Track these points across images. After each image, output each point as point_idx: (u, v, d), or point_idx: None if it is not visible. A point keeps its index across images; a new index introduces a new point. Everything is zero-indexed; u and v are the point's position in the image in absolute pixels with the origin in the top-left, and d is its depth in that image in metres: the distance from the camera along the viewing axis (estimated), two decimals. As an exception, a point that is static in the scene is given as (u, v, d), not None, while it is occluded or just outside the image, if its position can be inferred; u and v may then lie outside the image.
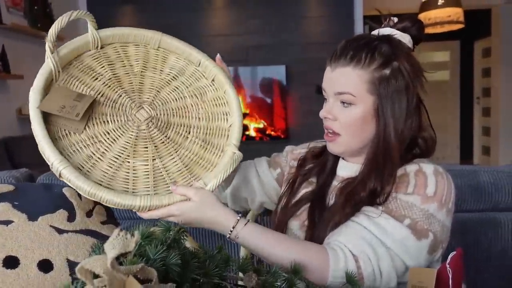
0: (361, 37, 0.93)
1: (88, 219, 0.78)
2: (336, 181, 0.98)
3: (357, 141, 0.92)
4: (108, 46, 0.94)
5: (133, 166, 0.86)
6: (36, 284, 0.64)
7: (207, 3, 4.47)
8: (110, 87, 0.91)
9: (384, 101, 0.88)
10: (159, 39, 0.97)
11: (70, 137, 0.84)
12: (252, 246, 0.84)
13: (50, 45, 0.83)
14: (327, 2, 4.46)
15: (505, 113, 5.84)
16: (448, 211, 0.86)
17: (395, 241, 0.82)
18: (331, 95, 0.91)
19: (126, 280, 0.49)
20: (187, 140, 0.93)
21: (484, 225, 1.47)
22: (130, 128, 0.89)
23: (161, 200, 0.83)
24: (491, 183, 1.48)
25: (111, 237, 0.50)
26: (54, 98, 0.82)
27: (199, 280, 0.67)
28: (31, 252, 0.67)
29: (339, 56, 0.90)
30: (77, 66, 0.89)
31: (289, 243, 0.83)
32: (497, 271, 1.47)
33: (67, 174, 0.76)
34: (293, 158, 1.10)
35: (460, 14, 3.92)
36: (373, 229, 0.83)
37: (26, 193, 0.77)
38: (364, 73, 0.88)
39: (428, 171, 0.88)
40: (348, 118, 0.89)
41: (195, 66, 1.00)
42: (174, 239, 0.68)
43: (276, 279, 0.70)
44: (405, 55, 0.89)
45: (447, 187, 0.87)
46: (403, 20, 0.95)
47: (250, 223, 0.84)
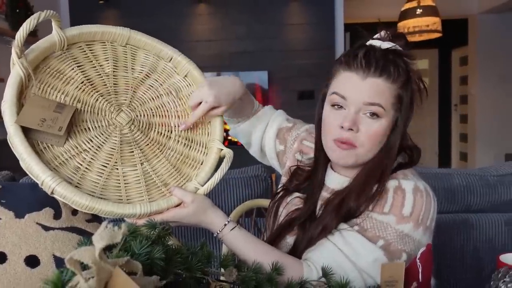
0: (374, 48, 0.90)
1: (74, 217, 0.80)
2: (325, 192, 0.99)
3: (371, 154, 0.91)
4: (73, 46, 0.88)
5: (123, 173, 0.85)
6: (23, 278, 0.66)
7: (190, 9, 4.50)
8: (85, 91, 0.87)
9: (403, 117, 0.90)
10: (127, 35, 0.93)
11: (52, 149, 0.80)
12: (235, 250, 0.88)
13: (17, 50, 0.76)
14: (309, 10, 4.53)
15: (481, 120, 5.99)
16: (425, 229, 0.87)
17: (368, 263, 0.84)
18: (357, 104, 0.88)
19: (113, 271, 0.52)
20: (171, 140, 0.93)
21: (457, 226, 1.53)
22: (112, 133, 0.87)
23: (160, 205, 0.83)
24: (464, 185, 1.54)
25: (99, 229, 0.53)
26: (32, 110, 0.77)
27: (182, 275, 0.70)
28: (18, 248, 0.69)
29: (368, 66, 0.87)
30: (45, 71, 0.84)
31: (268, 255, 0.86)
32: (469, 268, 1.53)
33: (61, 190, 0.73)
34: (299, 150, 1.10)
35: (438, 23, 4.03)
36: (346, 250, 0.86)
37: (12, 192, 0.79)
38: (393, 87, 0.88)
39: (408, 188, 0.88)
40: (372, 130, 0.88)
41: (165, 62, 0.98)
42: (158, 235, 0.71)
43: (256, 274, 0.74)
44: (415, 71, 0.92)
45: (425, 206, 0.87)
46: (398, 37, 0.94)
47: (236, 230, 0.88)
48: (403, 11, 4.10)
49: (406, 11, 4.08)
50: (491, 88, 5.85)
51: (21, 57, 0.77)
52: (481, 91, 5.94)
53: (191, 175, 0.91)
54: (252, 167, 1.64)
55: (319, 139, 0.97)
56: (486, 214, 1.55)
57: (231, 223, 0.88)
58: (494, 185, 1.54)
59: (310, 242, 0.92)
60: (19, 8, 3.66)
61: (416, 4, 4.00)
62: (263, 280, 0.73)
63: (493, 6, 5.37)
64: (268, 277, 0.74)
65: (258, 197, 1.52)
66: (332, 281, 0.71)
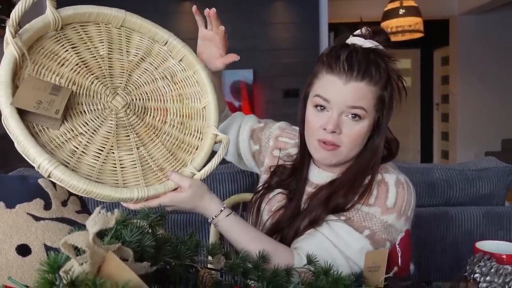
0: (356, 48, 0.91)
1: (64, 208, 0.81)
2: (308, 187, 1.01)
3: (353, 154, 0.94)
4: (67, 26, 0.86)
5: (119, 157, 0.84)
6: (15, 266, 0.67)
7: (175, 7, 4.49)
8: (80, 73, 0.85)
9: (385, 117, 0.93)
10: (122, 17, 0.92)
11: (47, 132, 0.78)
12: (229, 237, 0.90)
13: (12, 29, 0.73)
14: (293, 9, 4.57)
15: (462, 119, 6.11)
16: (406, 219, 0.93)
17: (354, 251, 0.88)
18: (340, 107, 0.90)
19: (106, 255, 0.54)
20: (166, 124, 0.93)
21: (437, 219, 1.57)
22: (108, 117, 0.86)
23: (157, 189, 0.83)
24: (444, 180, 1.59)
25: (93, 214, 0.54)
26: (27, 92, 0.75)
27: (171, 263, 0.72)
28: (9, 237, 0.70)
29: (350, 69, 0.88)
30: (39, 51, 0.81)
31: (261, 242, 0.89)
32: (449, 259, 1.58)
33: (58, 173, 0.72)
34: (277, 147, 1.11)
35: (420, 24, 4.10)
36: (334, 239, 0.89)
37: (2, 183, 0.80)
38: (375, 90, 0.90)
39: (390, 181, 0.93)
40: (354, 131, 0.91)
41: (160, 45, 0.97)
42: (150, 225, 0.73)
43: (244, 262, 0.76)
44: (395, 70, 0.94)
45: (406, 197, 0.92)
46: (379, 34, 0.96)
47: (231, 216, 0.90)
48: (386, 11, 4.17)
49: (389, 11, 4.15)
50: (472, 87, 5.97)
51: (15, 37, 0.75)
52: (462, 91, 6.06)
53: (186, 160, 0.92)
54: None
55: (302, 136, 1.00)
56: (465, 207, 1.60)
57: (227, 209, 0.90)
58: (473, 179, 1.59)
59: (296, 234, 0.94)
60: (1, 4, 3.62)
61: (398, 4, 4.07)
62: (250, 267, 0.75)
63: (473, 7, 5.48)
64: (255, 264, 0.76)
65: (244, 192, 1.55)
66: (317, 266, 0.74)
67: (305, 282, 0.72)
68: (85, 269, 0.50)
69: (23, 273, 0.68)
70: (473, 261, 0.77)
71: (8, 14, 0.72)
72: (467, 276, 0.78)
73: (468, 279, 0.77)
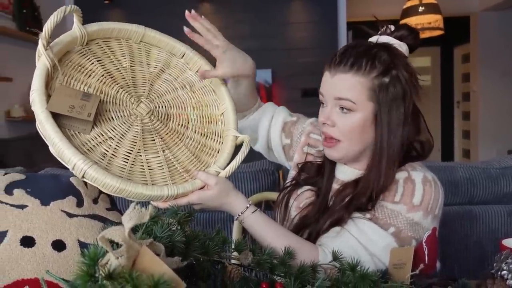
0: (360, 44, 0.94)
1: (95, 205, 0.83)
2: (335, 184, 1.02)
3: (356, 147, 0.94)
4: (91, 42, 0.92)
5: (146, 159, 0.88)
6: (51, 261, 0.70)
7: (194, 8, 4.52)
8: (106, 83, 0.91)
9: (383, 108, 0.90)
10: (142, 33, 0.98)
11: (79, 136, 0.83)
12: (254, 233, 0.91)
13: (44, 42, 0.79)
14: (311, 8, 4.57)
15: (483, 117, 6.01)
16: (433, 217, 0.91)
17: (379, 248, 0.88)
18: (330, 100, 0.93)
19: (141, 249, 0.56)
20: (188, 129, 0.97)
21: (461, 217, 1.56)
22: (134, 123, 0.90)
23: (185, 187, 0.87)
24: (467, 178, 1.57)
25: (128, 210, 0.56)
26: (60, 98, 0.80)
27: (200, 259, 0.74)
28: (45, 233, 0.72)
29: (339, 62, 0.91)
30: (67, 64, 0.87)
31: (286, 239, 0.89)
32: (473, 258, 1.57)
33: (93, 172, 0.76)
34: (307, 143, 1.12)
35: (440, 21, 4.05)
36: (359, 236, 0.90)
37: (36, 181, 0.83)
38: (365, 80, 0.89)
39: (417, 179, 0.92)
40: (347, 124, 0.91)
41: (177, 58, 1.03)
42: (178, 222, 0.75)
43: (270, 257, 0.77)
44: (403, 64, 0.92)
45: (434, 195, 0.91)
46: (400, 29, 0.97)
47: (257, 213, 0.91)
48: (405, 8, 4.13)
49: (408, 9, 4.11)
50: (493, 85, 5.87)
51: (47, 49, 0.80)
52: (483, 88, 5.96)
53: (209, 162, 0.95)
54: (259, 161, 1.68)
55: None
56: (489, 205, 1.59)
57: (252, 207, 0.92)
58: (496, 178, 1.58)
59: (321, 232, 0.95)
60: (26, 8, 3.70)
61: (418, 1, 4.02)
62: (277, 263, 0.77)
63: (495, 4, 5.39)
64: (281, 260, 0.77)
65: (266, 191, 1.56)
66: (343, 263, 0.74)
67: (331, 278, 0.73)
68: (121, 263, 0.52)
69: (59, 267, 0.70)
70: (500, 258, 0.77)
71: (32, 19, 0.76)
72: (494, 274, 0.78)
73: (495, 276, 0.77)
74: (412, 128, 0.95)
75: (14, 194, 0.76)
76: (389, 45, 0.94)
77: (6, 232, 0.70)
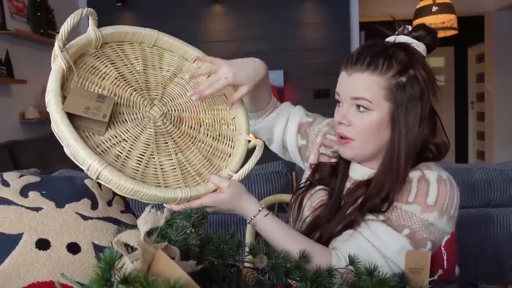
0: (377, 43, 0.94)
1: (109, 207, 0.83)
2: (348, 183, 1.01)
3: (370, 147, 0.93)
4: (105, 45, 0.94)
5: (159, 162, 0.88)
6: (66, 264, 0.70)
7: (206, 9, 4.54)
8: (119, 86, 0.91)
9: (400, 108, 0.89)
10: (155, 37, 0.99)
11: (93, 138, 0.83)
12: (267, 236, 0.91)
13: (60, 44, 0.80)
14: (324, 9, 4.55)
15: (498, 117, 5.93)
16: (449, 218, 0.89)
17: (393, 251, 0.86)
18: (346, 99, 0.92)
19: (156, 252, 0.55)
20: (200, 133, 0.97)
21: (477, 220, 1.53)
22: (147, 125, 0.91)
23: (199, 190, 0.87)
24: (484, 180, 1.55)
25: (143, 214, 0.56)
26: (75, 100, 0.80)
27: (214, 262, 0.73)
28: (60, 236, 0.72)
29: (356, 62, 0.91)
30: (82, 66, 0.88)
31: (299, 242, 0.89)
32: (490, 261, 1.54)
33: (107, 174, 0.76)
34: (323, 143, 1.11)
35: (454, 21, 4.00)
36: (372, 239, 0.88)
37: (51, 184, 0.83)
38: (381, 79, 0.89)
39: (432, 178, 0.90)
40: (363, 123, 0.91)
41: (189, 63, 1.04)
42: (193, 225, 0.74)
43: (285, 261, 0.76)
44: (421, 64, 0.91)
45: (449, 195, 0.89)
46: (418, 29, 0.96)
47: (269, 216, 0.91)
48: (418, 8, 4.08)
49: (421, 9, 4.06)
50: (509, 85, 5.78)
51: (63, 51, 0.81)
52: (498, 88, 5.88)
53: (221, 166, 0.96)
54: (272, 163, 1.67)
55: None
56: (507, 208, 1.56)
57: (264, 210, 0.91)
58: (514, 180, 1.55)
59: (333, 235, 0.94)
60: (40, 11, 3.75)
61: (431, 1, 3.98)
62: (292, 267, 0.76)
63: (510, 3, 5.31)
64: (296, 264, 0.76)
65: (279, 193, 1.55)
66: (360, 267, 0.73)
67: (348, 282, 0.72)
68: (137, 267, 0.51)
69: (74, 270, 0.70)
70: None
71: (47, 21, 0.77)
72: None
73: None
74: (428, 129, 0.94)
75: (29, 197, 0.77)
76: (407, 44, 0.93)
77: (22, 235, 0.70)
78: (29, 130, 3.60)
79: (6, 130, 3.36)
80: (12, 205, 0.74)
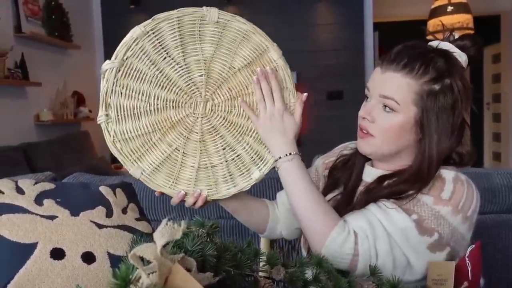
0: (419, 46, 0.92)
1: (124, 215, 0.82)
2: (361, 187, 1.00)
3: (389, 148, 0.92)
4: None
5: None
6: (81, 274, 0.69)
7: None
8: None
9: (429, 115, 0.88)
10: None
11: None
12: (285, 181, 0.92)
13: None
14: (337, 10, 4.51)
15: (515, 118, 5.84)
16: (465, 218, 0.85)
17: (397, 229, 0.84)
18: (375, 96, 0.91)
19: (173, 266, 0.54)
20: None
21: (499, 227, 1.50)
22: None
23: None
24: (505, 185, 1.51)
25: (160, 226, 0.54)
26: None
27: (231, 272, 0.71)
28: (75, 245, 0.71)
29: (392, 60, 0.89)
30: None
31: (314, 199, 0.89)
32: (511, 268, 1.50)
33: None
34: (327, 168, 1.10)
35: (470, 21, 3.94)
36: (379, 214, 0.87)
37: (66, 191, 0.82)
38: (414, 83, 0.87)
39: (448, 177, 0.88)
40: (386, 123, 0.90)
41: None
42: (207, 233, 0.73)
43: (302, 272, 0.74)
44: (459, 74, 0.89)
45: (466, 195, 0.86)
46: (464, 38, 0.94)
47: (295, 162, 0.91)
48: (433, 8, 4.03)
49: (436, 9, 4.00)
50: (526, 86, 5.69)
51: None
52: (514, 89, 5.79)
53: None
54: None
55: None
56: (529, 214, 1.51)
57: (295, 155, 0.91)
58: (536, 185, 1.50)
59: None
60: (55, 14, 3.78)
61: (446, 1, 3.92)
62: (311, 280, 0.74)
63: (528, 2, 5.22)
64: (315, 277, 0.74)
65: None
66: (383, 279, 0.71)
67: (369, 295, 0.70)
68: (153, 281, 0.50)
69: (89, 280, 0.69)
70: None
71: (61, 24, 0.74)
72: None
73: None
74: (457, 140, 0.91)
75: (44, 205, 0.76)
76: (449, 52, 0.91)
77: (37, 244, 0.70)
78: (43, 132, 3.63)
79: (21, 132, 3.39)
80: (27, 214, 0.73)
